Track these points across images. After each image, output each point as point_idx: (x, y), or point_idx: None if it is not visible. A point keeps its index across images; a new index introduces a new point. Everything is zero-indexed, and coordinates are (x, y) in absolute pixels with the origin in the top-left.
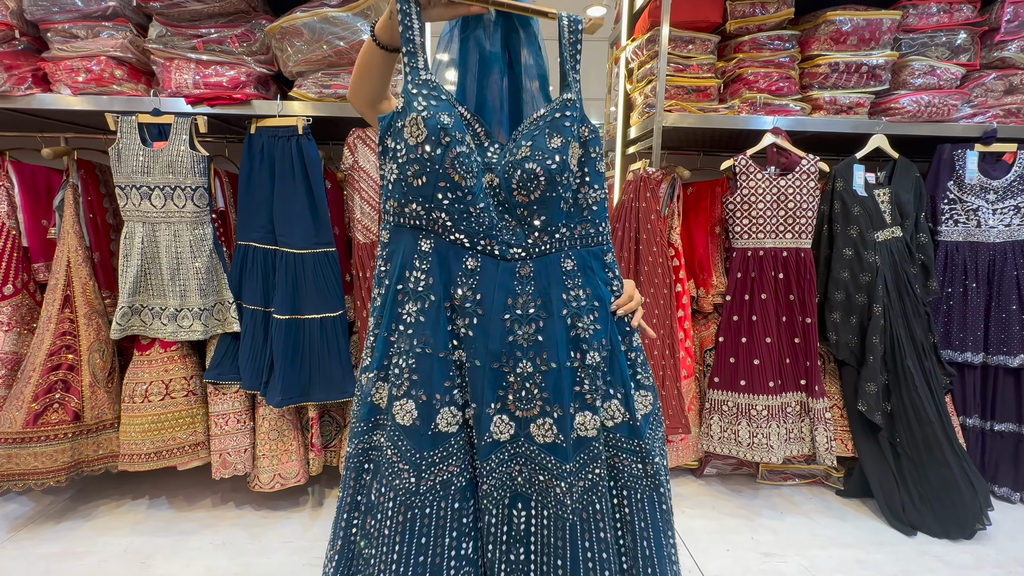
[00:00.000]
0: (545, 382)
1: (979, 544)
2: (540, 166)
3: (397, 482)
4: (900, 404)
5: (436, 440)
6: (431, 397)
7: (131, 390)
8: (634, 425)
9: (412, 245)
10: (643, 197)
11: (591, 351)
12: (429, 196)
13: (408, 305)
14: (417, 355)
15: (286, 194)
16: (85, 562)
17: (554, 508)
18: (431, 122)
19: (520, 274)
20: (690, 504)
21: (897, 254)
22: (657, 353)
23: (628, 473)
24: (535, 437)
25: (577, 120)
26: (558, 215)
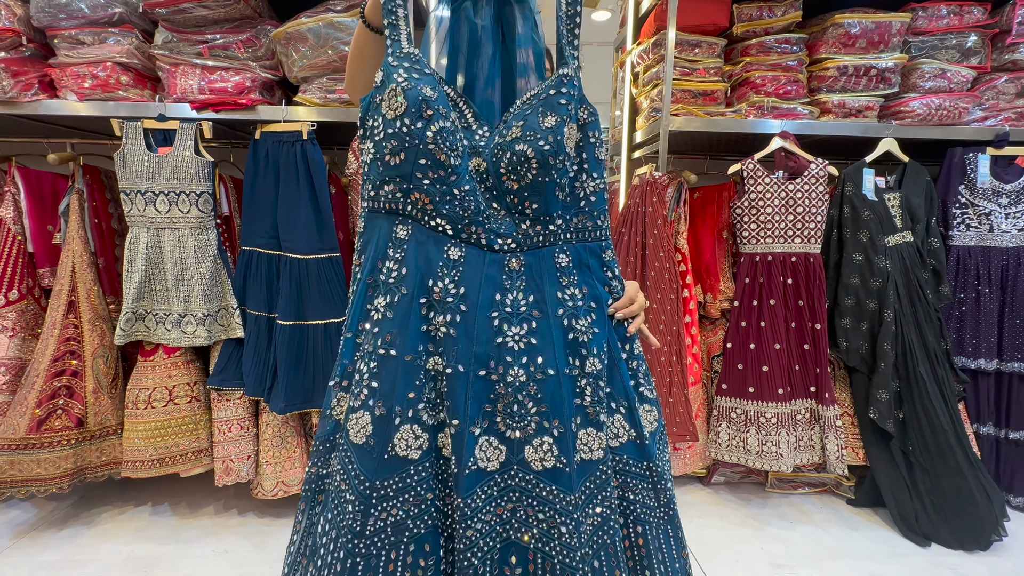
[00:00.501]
0: (541, 392)
1: (995, 556)
2: (532, 147)
3: (341, 519)
4: (912, 412)
5: (392, 466)
6: (390, 410)
7: (134, 396)
8: (642, 444)
9: (387, 232)
10: (649, 202)
11: (591, 357)
12: (408, 175)
13: (377, 299)
14: (379, 357)
15: (290, 199)
16: (87, 570)
17: (560, 556)
18: (411, 93)
19: (509, 267)
20: (698, 513)
21: (908, 259)
22: (664, 359)
23: (640, 503)
24: (531, 463)
25: (575, 99)
26: (553, 203)
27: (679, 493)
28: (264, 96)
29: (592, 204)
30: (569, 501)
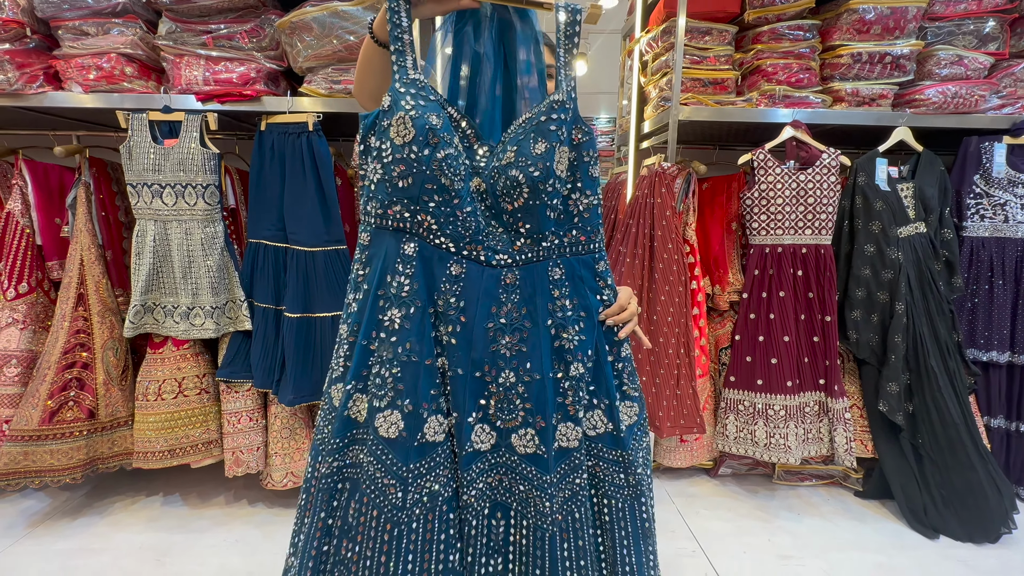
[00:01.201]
0: (528, 393)
1: (1005, 548)
2: (523, 173)
3: (381, 499)
4: (923, 405)
5: (423, 450)
6: (418, 407)
7: (144, 388)
8: (617, 436)
9: (395, 248)
10: (658, 193)
11: (575, 362)
12: (415, 198)
13: (391, 311)
14: (403, 363)
15: (296, 191)
16: (101, 559)
17: (533, 519)
18: (419, 122)
19: (505, 282)
20: (705, 504)
21: (920, 250)
22: (672, 351)
23: (609, 483)
24: (516, 448)
25: (567, 123)
26: (545, 223)
27: (685, 485)
28: (269, 87)
29: (585, 220)
30: (545, 480)
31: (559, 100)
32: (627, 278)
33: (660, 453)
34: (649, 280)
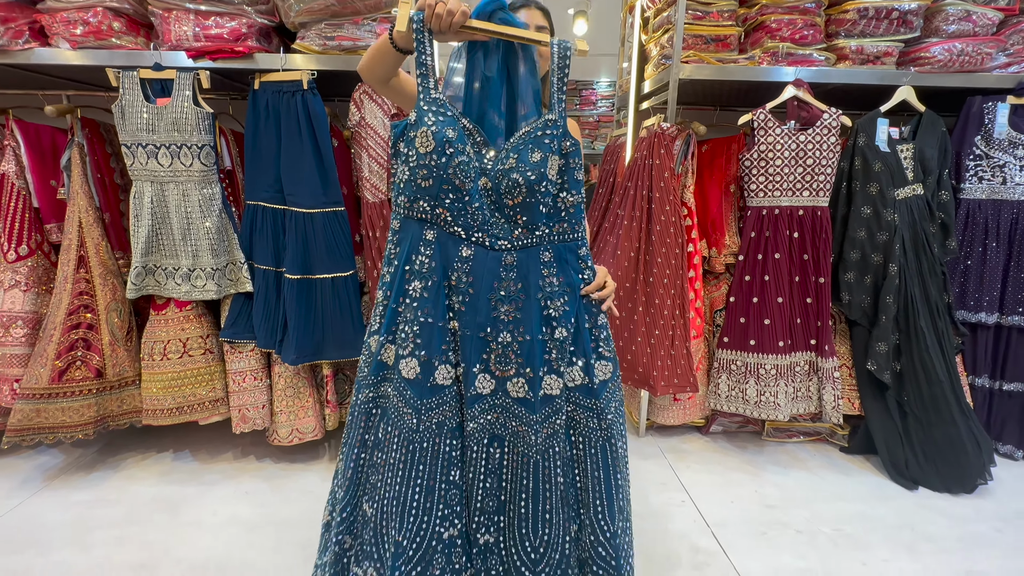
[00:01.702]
0: (521, 350)
1: (980, 498)
2: (522, 177)
3: (402, 423)
4: (910, 364)
5: (433, 391)
6: (431, 357)
7: (150, 348)
8: (592, 388)
9: (419, 234)
10: (656, 154)
11: (560, 327)
12: (435, 195)
13: (414, 283)
14: (421, 323)
15: (293, 152)
16: (117, 509)
17: (522, 448)
18: (439, 136)
19: (505, 262)
20: (696, 459)
21: (917, 212)
22: (667, 313)
23: (584, 425)
24: (510, 392)
25: (559, 137)
26: (538, 216)
27: (678, 442)
28: (261, 43)
29: (571, 215)
30: (532, 418)
31: (553, 119)
32: (624, 240)
33: (654, 411)
34: (646, 242)
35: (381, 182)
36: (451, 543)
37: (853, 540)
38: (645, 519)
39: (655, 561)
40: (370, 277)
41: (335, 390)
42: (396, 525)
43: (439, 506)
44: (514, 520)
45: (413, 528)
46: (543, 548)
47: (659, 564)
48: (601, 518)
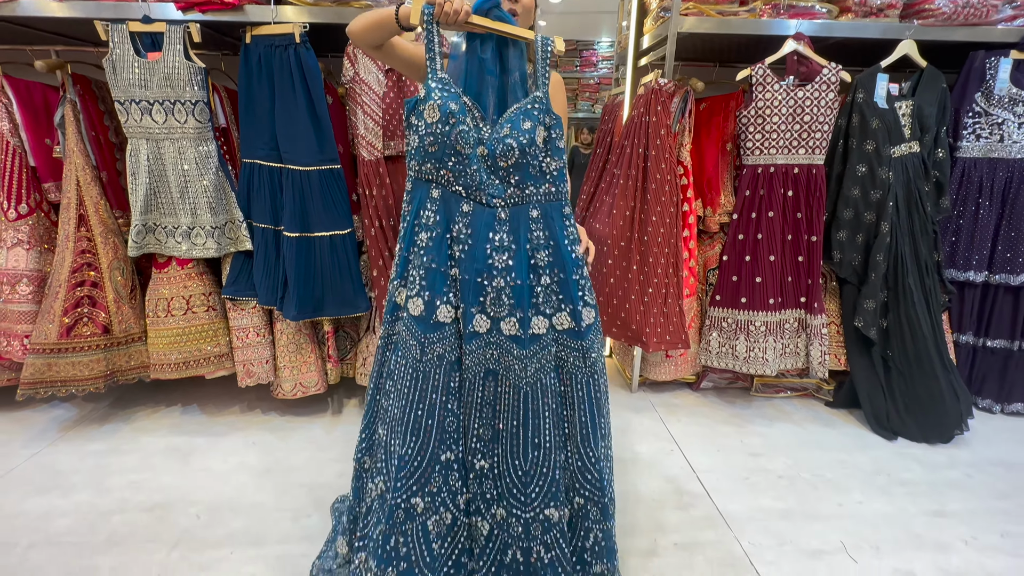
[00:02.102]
0: (512, 293)
1: (955, 448)
2: (515, 141)
3: (409, 354)
4: (896, 320)
5: (435, 327)
6: (434, 297)
7: (154, 305)
8: (578, 331)
9: (426, 192)
10: (653, 111)
11: (544, 275)
12: (439, 159)
13: (422, 234)
14: (427, 268)
15: (287, 108)
16: (131, 457)
17: (514, 380)
18: (444, 108)
19: (499, 217)
20: (686, 413)
21: (912, 170)
22: (661, 271)
23: (572, 363)
24: (503, 331)
25: (543, 111)
26: (527, 177)
27: (669, 397)
28: None
29: (555, 177)
30: (523, 353)
31: (539, 96)
32: (620, 200)
33: (647, 368)
34: (642, 201)
35: (376, 139)
36: (448, 466)
37: (831, 484)
38: (635, 466)
39: (644, 503)
40: (367, 236)
41: (336, 346)
42: (400, 442)
43: (438, 430)
44: (507, 446)
45: (415, 447)
46: (533, 470)
47: (647, 506)
48: (586, 445)
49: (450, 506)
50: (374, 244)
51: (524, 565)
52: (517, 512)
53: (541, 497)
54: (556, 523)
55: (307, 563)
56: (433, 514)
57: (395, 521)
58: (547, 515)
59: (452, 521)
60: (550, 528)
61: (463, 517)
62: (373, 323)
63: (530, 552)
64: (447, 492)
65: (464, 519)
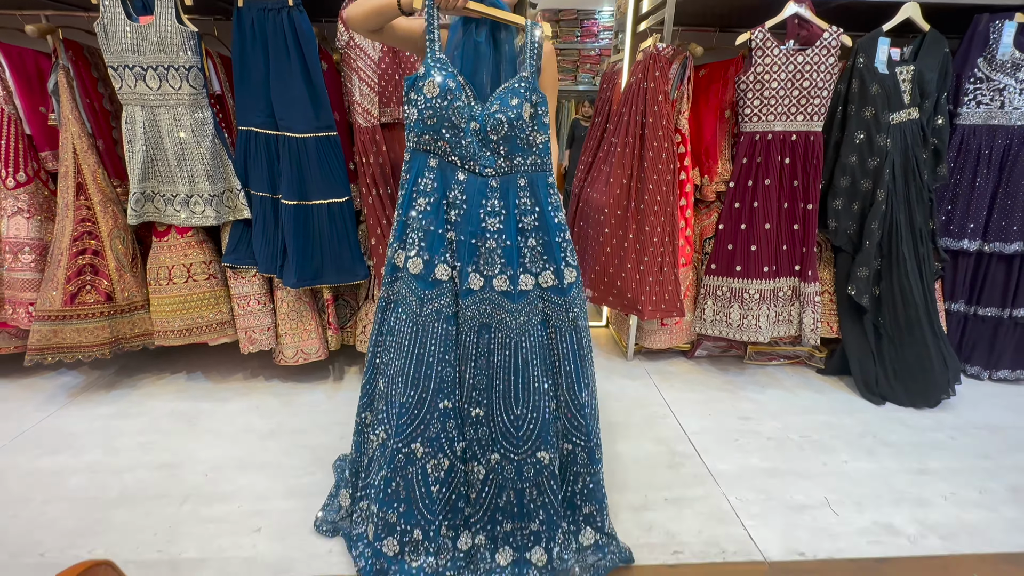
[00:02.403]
0: (503, 253)
1: (941, 411)
2: (504, 116)
3: (409, 309)
4: (889, 288)
5: (433, 284)
6: (432, 257)
7: (155, 274)
8: (562, 288)
9: (424, 162)
10: (651, 77)
11: (531, 238)
12: (437, 131)
13: (420, 200)
14: (425, 231)
15: (282, 74)
16: (139, 420)
17: (505, 331)
18: (442, 85)
19: (491, 185)
20: (680, 380)
21: (910, 137)
22: (657, 240)
23: (556, 317)
24: (495, 287)
25: (530, 90)
26: (516, 149)
27: (664, 364)
28: None
29: (540, 150)
30: (513, 307)
31: (526, 76)
32: (617, 168)
33: (642, 336)
34: (638, 169)
35: (372, 106)
36: (446, 414)
37: (818, 445)
38: (629, 430)
39: (636, 463)
40: (365, 204)
41: (336, 313)
42: (400, 391)
43: (437, 379)
44: (500, 392)
45: (415, 395)
46: (524, 413)
47: (639, 465)
48: (572, 393)
49: (447, 452)
50: (372, 212)
51: (518, 507)
52: (510, 455)
53: (532, 440)
54: (547, 465)
55: (311, 516)
56: (432, 458)
57: (396, 465)
58: (538, 457)
59: (449, 467)
60: (541, 470)
61: (460, 464)
62: (372, 291)
63: (523, 494)
64: (444, 438)
65: (461, 467)
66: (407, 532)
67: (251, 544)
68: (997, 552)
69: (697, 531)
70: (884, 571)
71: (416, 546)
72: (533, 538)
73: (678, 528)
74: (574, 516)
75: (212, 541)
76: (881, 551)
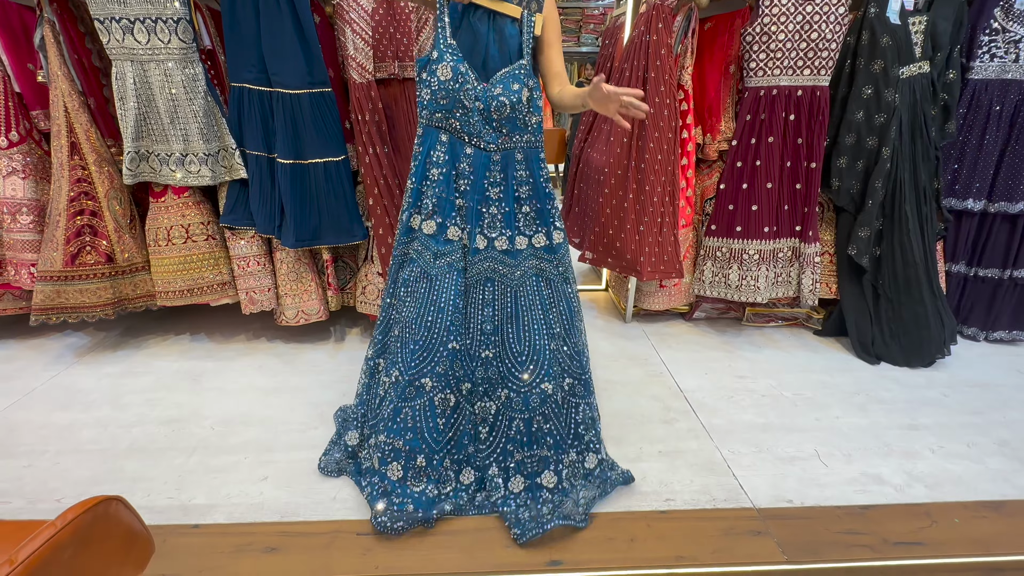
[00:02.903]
0: (503, 218)
1: (935, 370)
2: (507, 99)
3: (423, 262)
4: (889, 248)
5: (445, 242)
6: (444, 220)
7: (154, 235)
8: (552, 247)
9: (436, 136)
10: (654, 29)
11: (525, 205)
12: (449, 110)
13: (433, 170)
14: (438, 197)
15: (273, 28)
16: (145, 379)
17: (506, 283)
18: (455, 69)
19: (493, 159)
20: (677, 341)
21: (920, 92)
22: (657, 200)
23: (549, 271)
24: (497, 247)
25: (528, 76)
26: (514, 128)
27: (661, 326)
28: None
29: (534, 129)
30: (512, 263)
31: (523, 63)
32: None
33: (640, 298)
34: (639, 127)
35: (367, 61)
36: (453, 354)
37: (811, 402)
38: (625, 388)
39: (632, 419)
40: (362, 164)
41: (335, 274)
42: (414, 333)
43: (447, 322)
44: (504, 335)
45: (427, 335)
46: (527, 350)
47: (635, 419)
48: (568, 335)
49: (454, 389)
50: (369, 172)
51: (527, 435)
52: (518, 388)
53: (536, 373)
54: (551, 395)
55: (314, 466)
56: (439, 392)
57: (406, 396)
58: (543, 388)
59: (455, 404)
60: (546, 400)
61: (467, 406)
62: (371, 252)
63: (531, 422)
64: (452, 376)
65: (468, 407)
66: (412, 457)
67: (258, 492)
68: (979, 500)
69: (689, 481)
70: (869, 517)
71: (419, 472)
72: (542, 463)
73: (670, 478)
74: (579, 445)
75: (220, 489)
76: (867, 499)
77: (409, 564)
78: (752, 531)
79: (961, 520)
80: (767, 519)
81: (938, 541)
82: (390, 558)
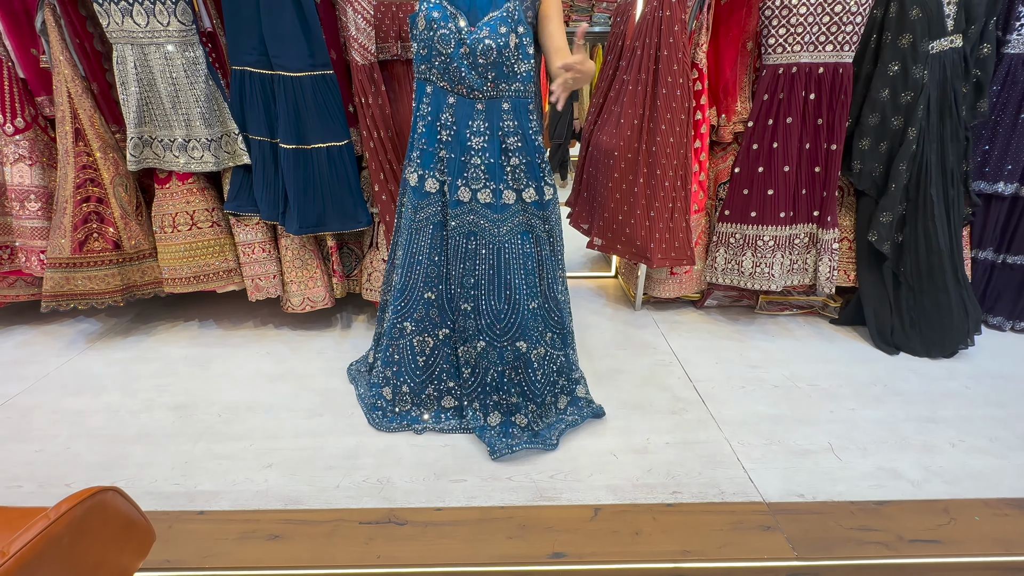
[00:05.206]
0: (487, 170)
1: (956, 361)
2: (493, 42)
3: (407, 215)
4: (912, 232)
5: (425, 195)
6: (425, 171)
7: (160, 221)
8: (541, 203)
9: (423, 89)
10: (668, 4)
11: (513, 157)
12: (428, 59)
13: (419, 124)
14: (421, 150)
15: (273, 8)
16: (155, 364)
17: (489, 239)
18: (428, 17)
19: (478, 108)
20: (688, 329)
21: (950, 68)
22: (668, 184)
23: (537, 227)
24: (480, 200)
25: (516, 21)
26: (501, 75)
27: (672, 314)
28: None
29: (524, 78)
30: (497, 218)
31: (513, 7)
32: (628, 108)
33: (650, 285)
34: (651, 108)
35: (369, 41)
36: (429, 303)
37: (825, 393)
38: (633, 377)
39: (639, 409)
40: (367, 148)
41: (340, 261)
42: (399, 280)
43: (423, 274)
44: (484, 290)
45: (406, 284)
46: (505, 307)
47: (643, 410)
48: (552, 289)
49: (431, 333)
50: (374, 157)
51: (499, 383)
52: (494, 343)
53: (512, 331)
54: (524, 353)
55: (320, 454)
56: (417, 336)
57: (393, 335)
58: (517, 346)
59: (433, 347)
60: (519, 356)
61: (446, 348)
62: (376, 239)
63: (503, 375)
64: (428, 322)
65: (447, 350)
66: (398, 386)
67: (263, 479)
68: (1001, 497)
69: (697, 473)
70: (884, 512)
71: (404, 397)
72: (514, 408)
73: (678, 470)
74: (553, 389)
75: (226, 475)
76: (883, 495)
77: (411, 554)
78: (761, 526)
79: (981, 518)
80: (777, 513)
81: (956, 539)
82: (392, 548)
